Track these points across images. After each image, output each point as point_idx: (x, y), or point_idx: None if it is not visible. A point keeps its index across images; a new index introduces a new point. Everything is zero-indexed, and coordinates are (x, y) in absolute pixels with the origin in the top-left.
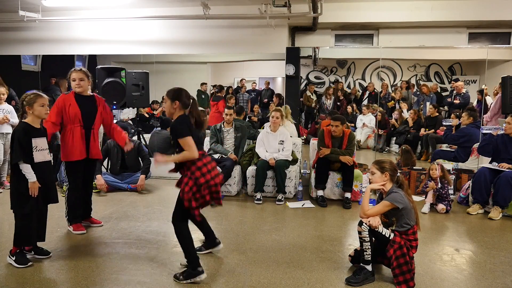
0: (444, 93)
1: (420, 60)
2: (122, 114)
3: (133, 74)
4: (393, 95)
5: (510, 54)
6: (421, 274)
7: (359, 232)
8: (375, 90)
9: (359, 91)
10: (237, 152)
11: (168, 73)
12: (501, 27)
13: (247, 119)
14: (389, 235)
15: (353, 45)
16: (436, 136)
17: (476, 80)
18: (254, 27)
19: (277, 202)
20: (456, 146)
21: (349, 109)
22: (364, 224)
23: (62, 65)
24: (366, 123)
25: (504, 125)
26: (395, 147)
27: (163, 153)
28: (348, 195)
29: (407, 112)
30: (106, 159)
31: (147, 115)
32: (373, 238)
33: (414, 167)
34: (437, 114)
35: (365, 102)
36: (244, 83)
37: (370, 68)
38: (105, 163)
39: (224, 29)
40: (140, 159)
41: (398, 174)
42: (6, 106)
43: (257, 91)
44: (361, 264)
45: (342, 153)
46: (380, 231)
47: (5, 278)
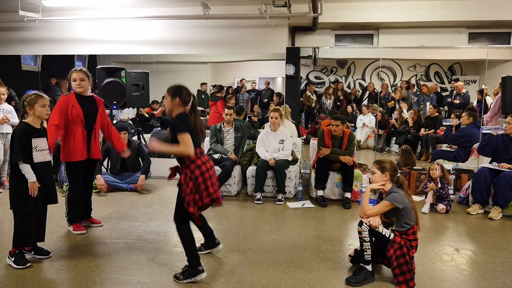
0: (444, 93)
1: (420, 60)
2: (122, 114)
3: (133, 74)
4: (393, 95)
5: (510, 54)
6: (421, 274)
7: (359, 232)
8: (375, 90)
9: (359, 91)
10: (237, 152)
11: (168, 73)
12: (501, 27)
13: (247, 119)
14: (389, 235)
15: (353, 45)
16: (436, 136)
17: (476, 80)
18: (254, 27)
19: (277, 202)
20: (456, 146)
21: (349, 109)
22: (364, 224)
23: (62, 65)
24: (366, 123)
25: (504, 125)
26: (395, 147)
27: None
28: (348, 195)
29: (407, 112)
30: (106, 159)
31: (147, 115)
32: (373, 238)
33: (414, 167)
34: (437, 114)
35: (365, 102)
36: (244, 83)
37: (370, 68)
38: (105, 163)
39: (224, 29)
40: (140, 159)
41: (398, 174)
42: (6, 106)
43: (257, 91)
44: (361, 264)
45: (342, 153)
46: (380, 231)
47: (5, 278)
